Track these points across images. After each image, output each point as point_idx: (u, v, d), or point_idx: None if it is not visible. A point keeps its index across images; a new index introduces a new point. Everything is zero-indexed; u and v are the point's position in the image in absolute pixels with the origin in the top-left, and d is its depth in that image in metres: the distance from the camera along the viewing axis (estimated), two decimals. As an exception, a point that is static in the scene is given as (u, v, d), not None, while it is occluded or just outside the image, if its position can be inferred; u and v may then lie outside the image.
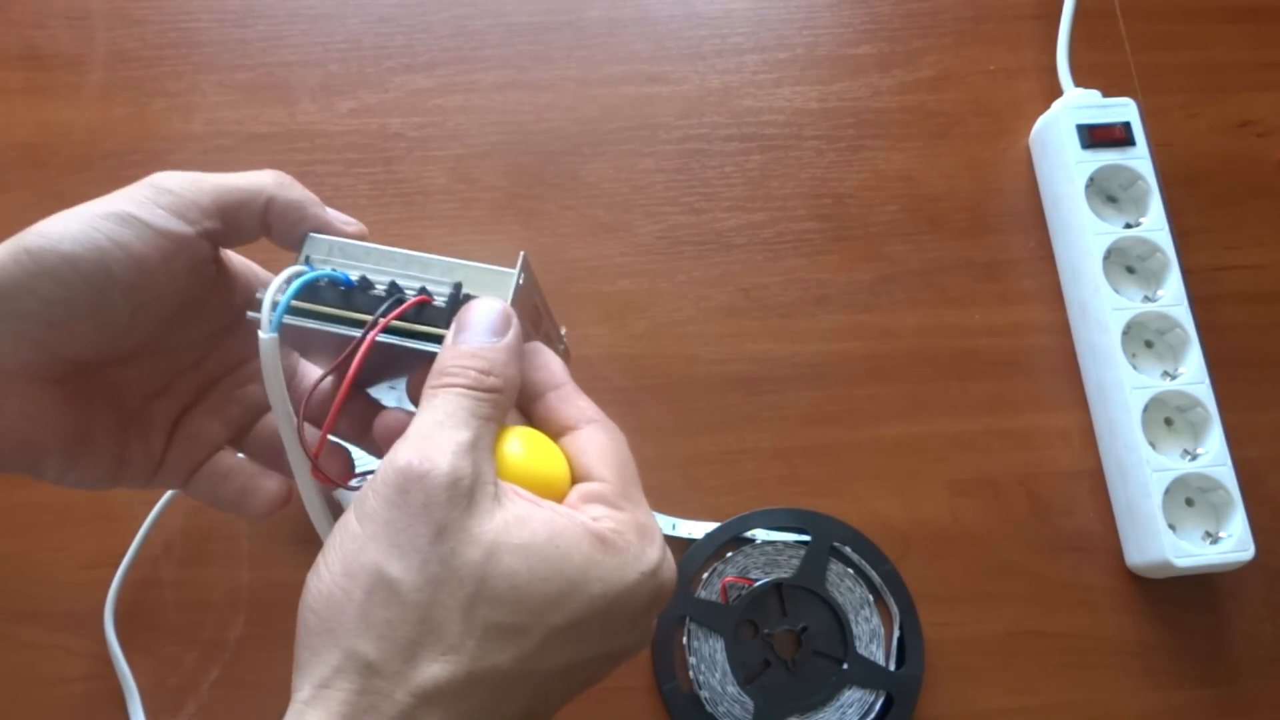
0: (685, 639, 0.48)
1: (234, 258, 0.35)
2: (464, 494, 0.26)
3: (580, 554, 0.27)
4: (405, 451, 0.26)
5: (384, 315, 0.30)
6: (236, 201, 0.31)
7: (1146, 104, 0.56)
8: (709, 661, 0.48)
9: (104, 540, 0.48)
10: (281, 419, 0.31)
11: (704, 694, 0.47)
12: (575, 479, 0.30)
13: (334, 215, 0.33)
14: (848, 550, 0.50)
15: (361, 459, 0.36)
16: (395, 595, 0.25)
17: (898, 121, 0.58)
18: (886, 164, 0.58)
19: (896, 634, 0.49)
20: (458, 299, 0.31)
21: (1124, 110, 0.56)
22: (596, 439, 0.31)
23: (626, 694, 0.48)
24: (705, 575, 0.49)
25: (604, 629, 0.27)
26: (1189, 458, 0.50)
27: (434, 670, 0.25)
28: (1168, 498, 0.49)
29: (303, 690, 0.26)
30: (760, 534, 0.50)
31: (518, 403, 0.31)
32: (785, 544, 0.50)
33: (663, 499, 0.51)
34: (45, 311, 0.29)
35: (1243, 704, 0.50)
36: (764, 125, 0.58)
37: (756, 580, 0.49)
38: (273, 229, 0.32)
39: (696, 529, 0.50)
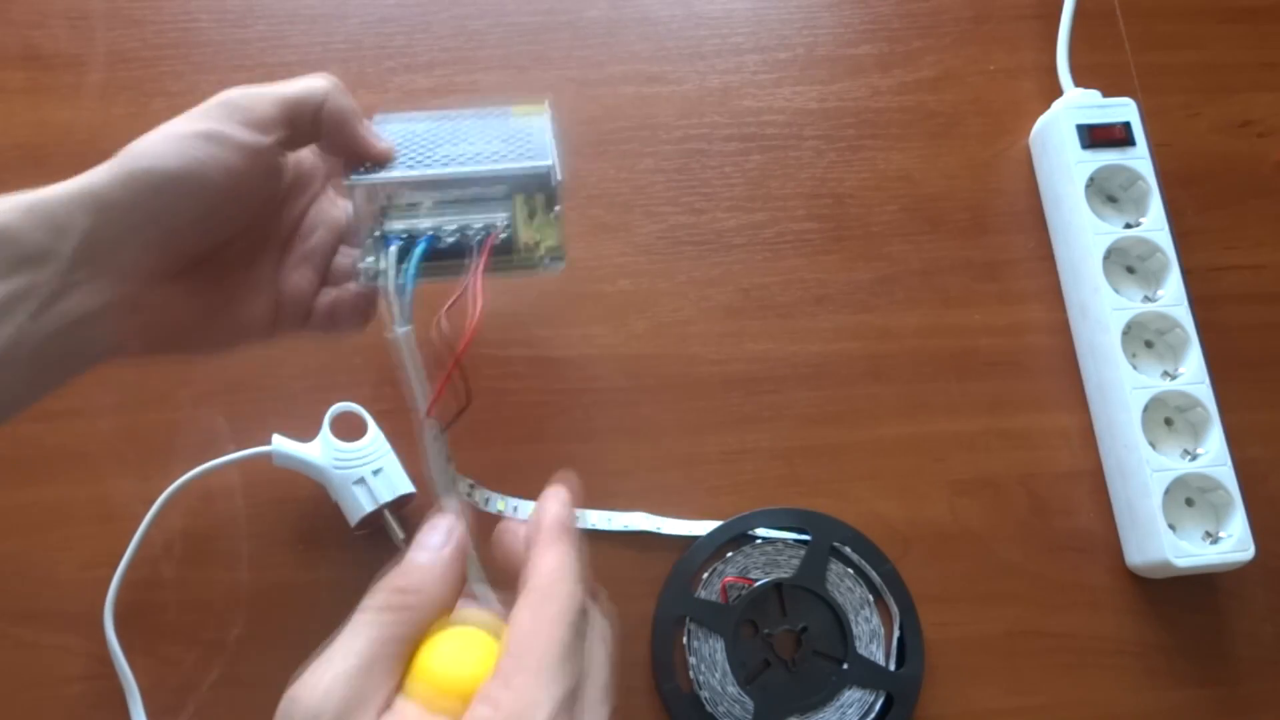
0: (685, 639, 0.48)
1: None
2: None
3: None
4: (302, 674, 0.29)
5: (478, 260, 0.37)
6: (297, 108, 0.36)
7: (1146, 104, 0.56)
8: (709, 661, 0.48)
9: (104, 540, 0.48)
10: (416, 386, 0.36)
11: (704, 694, 0.47)
12: None
13: (368, 131, 0.38)
14: (848, 550, 0.50)
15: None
16: None
17: (898, 121, 0.59)
18: (886, 164, 0.58)
19: (896, 634, 0.49)
20: (513, 230, 0.38)
21: (1124, 110, 0.56)
22: (517, 617, 0.29)
23: (626, 694, 0.48)
24: (705, 575, 0.49)
25: None
26: (1189, 458, 0.50)
27: None
28: (1168, 498, 0.49)
29: None
30: (760, 534, 0.50)
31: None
32: (785, 544, 0.50)
33: (663, 499, 0.51)
34: (158, 223, 0.33)
35: (1243, 704, 0.50)
36: (764, 125, 0.58)
37: (756, 580, 0.49)
38: (322, 133, 0.37)
39: (696, 529, 0.50)
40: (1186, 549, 0.48)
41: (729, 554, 0.50)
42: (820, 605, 0.49)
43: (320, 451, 0.47)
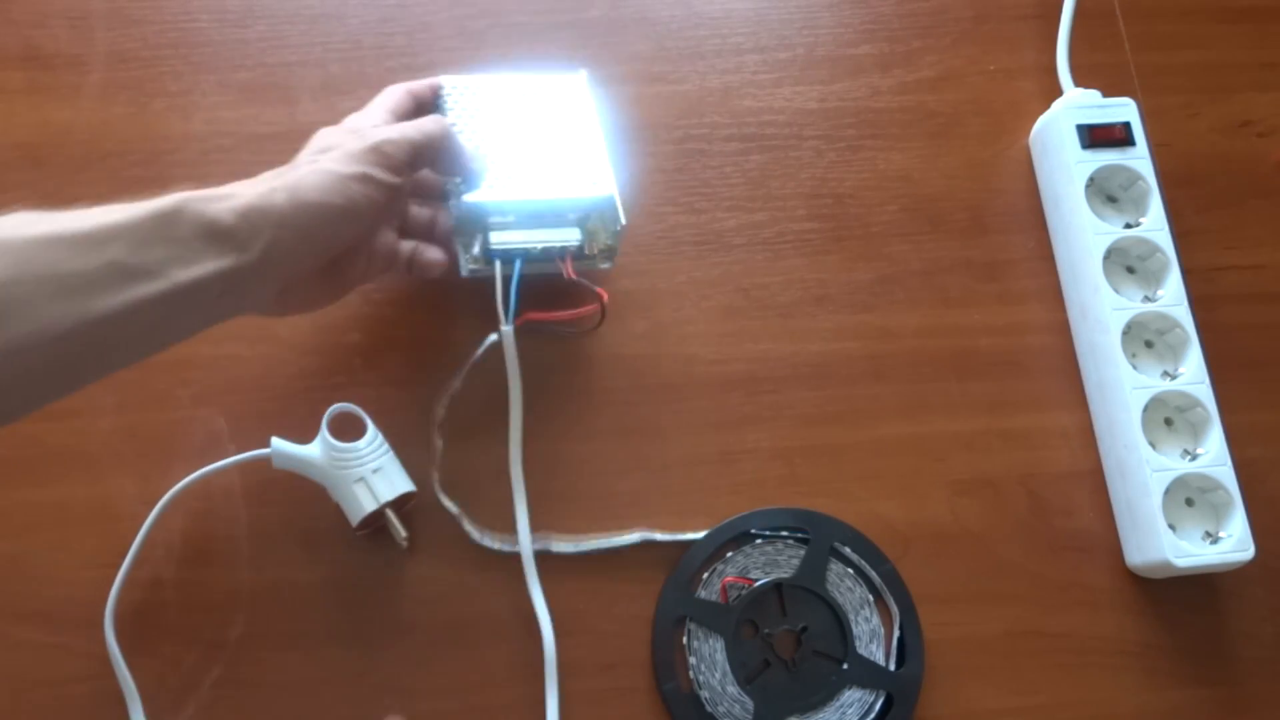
0: (685, 639, 0.48)
1: None
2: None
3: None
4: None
5: (566, 263, 0.49)
6: (423, 153, 0.45)
7: (1146, 104, 0.56)
8: (709, 661, 0.48)
9: (104, 540, 0.48)
10: (512, 381, 0.48)
11: (704, 694, 0.47)
12: None
13: (473, 160, 0.48)
14: (848, 550, 0.50)
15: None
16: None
17: (898, 121, 0.59)
18: (886, 164, 0.58)
19: (896, 634, 0.49)
20: (581, 248, 0.49)
21: (1124, 110, 0.56)
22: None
23: (626, 694, 0.48)
24: (705, 575, 0.49)
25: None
26: (1189, 458, 0.50)
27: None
28: (1168, 498, 0.49)
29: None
30: (760, 534, 0.50)
31: None
32: (785, 544, 0.50)
33: (663, 499, 0.51)
34: (321, 243, 0.43)
35: (1243, 704, 0.50)
36: (764, 125, 0.58)
37: (756, 580, 0.49)
38: (436, 166, 0.47)
39: (696, 529, 0.50)
40: (1186, 549, 0.48)
41: (729, 554, 0.50)
42: (820, 605, 0.49)
43: (319, 452, 0.47)
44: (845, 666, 0.48)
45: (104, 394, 0.51)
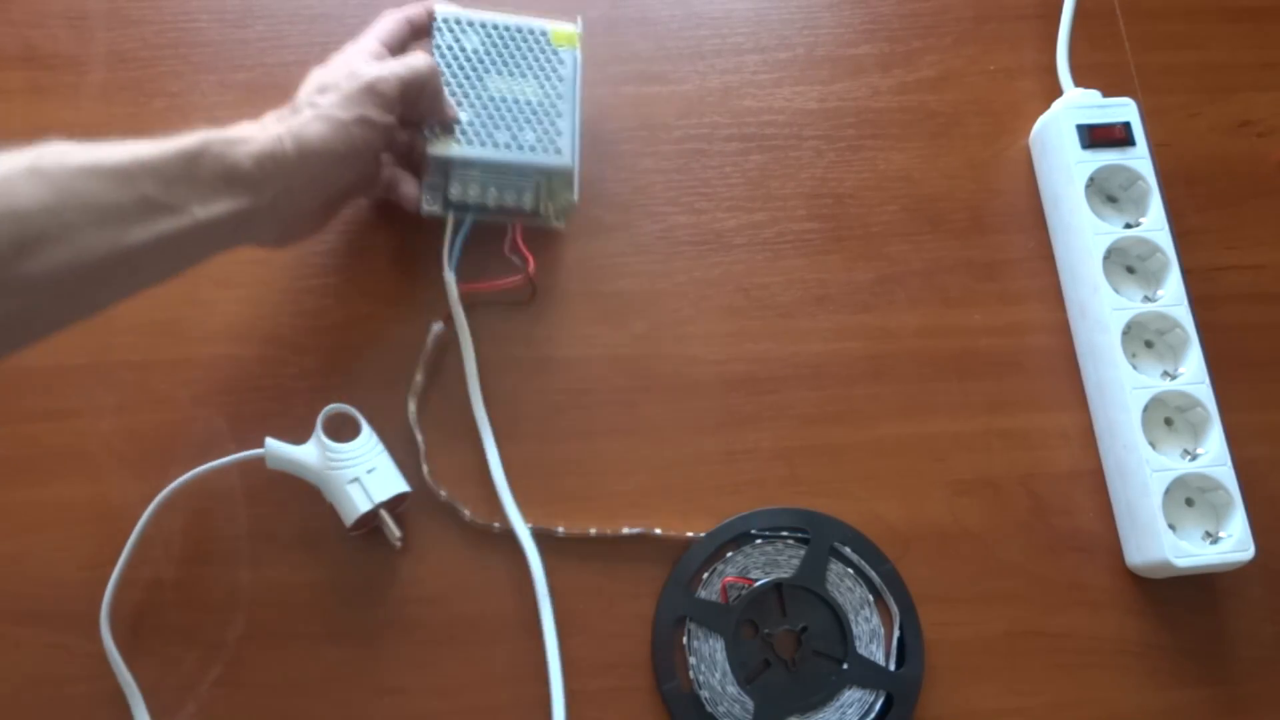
0: (685, 639, 0.48)
1: None
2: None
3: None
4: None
5: (516, 221, 0.52)
6: (410, 88, 0.46)
7: (1146, 104, 0.56)
8: (709, 661, 0.48)
9: (103, 540, 0.48)
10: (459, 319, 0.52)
11: (704, 694, 0.47)
12: None
13: (449, 104, 0.50)
14: (848, 550, 0.50)
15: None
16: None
17: (898, 121, 0.59)
18: (886, 164, 0.58)
19: (896, 634, 0.49)
20: (536, 211, 0.52)
21: (1124, 110, 0.56)
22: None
23: (627, 694, 0.48)
24: (705, 575, 0.49)
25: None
26: (1189, 458, 0.50)
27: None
28: (1168, 498, 0.49)
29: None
30: (760, 534, 0.50)
31: None
32: (785, 544, 0.50)
33: (663, 499, 0.51)
34: (326, 187, 0.47)
35: (1243, 704, 0.50)
36: (764, 125, 0.58)
37: (756, 580, 0.49)
38: (418, 106, 0.48)
39: (697, 529, 0.50)
40: (1186, 549, 0.48)
41: (729, 554, 0.50)
42: (820, 605, 0.49)
43: (314, 453, 0.47)
44: (845, 666, 0.48)
45: (104, 394, 0.51)
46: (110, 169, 0.39)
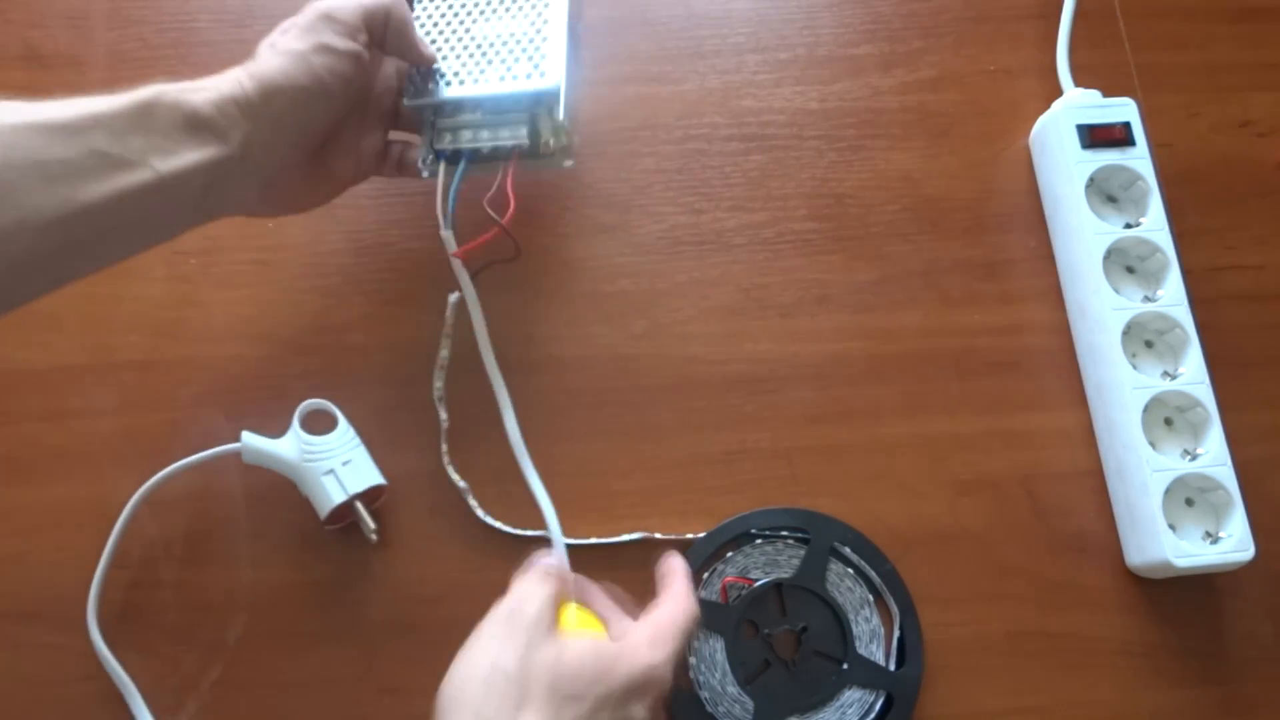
0: (685, 639, 0.48)
1: None
2: (543, 624, 0.39)
3: (609, 652, 0.39)
4: (509, 601, 0.40)
5: (510, 162, 0.47)
6: (373, 15, 0.44)
7: (1146, 104, 0.56)
8: (709, 661, 0.48)
9: (102, 540, 0.48)
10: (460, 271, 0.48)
11: (704, 694, 0.47)
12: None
13: (421, 39, 0.47)
14: (848, 550, 0.50)
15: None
16: (505, 676, 0.36)
17: (898, 121, 0.58)
18: (886, 164, 0.58)
19: (896, 634, 0.49)
20: (535, 146, 0.48)
21: (1124, 110, 0.56)
22: (659, 607, 0.43)
23: (626, 694, 0.48)
24: (705, 575, 0.49)
25: (623, 700, 0.38)
26: (1189, 458, 0.50)
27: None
28: (1168, 498, 0.49)
29: None
30: (760, 534, 0.50)
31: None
32: (785, 544, 0.50)
33: (663, 499, 0.51)
34: (297, 128, 0.43)
35: (1243, 704, 0.50)
36: (764, 125, 0.58)
37: (756, 580, 0.49)
38: (387, 41, 0.45)
39: (697, 529, 0.50)
40: (1186, 549, 0.48)
41: (729, 554, 0.50)
42: (820, 605, 0.49)
43: (289, 446, 0.47)
44: (845, 666, 0.48)
45: (104, 394, 0.51)
46: (56, 123, 0.37)
